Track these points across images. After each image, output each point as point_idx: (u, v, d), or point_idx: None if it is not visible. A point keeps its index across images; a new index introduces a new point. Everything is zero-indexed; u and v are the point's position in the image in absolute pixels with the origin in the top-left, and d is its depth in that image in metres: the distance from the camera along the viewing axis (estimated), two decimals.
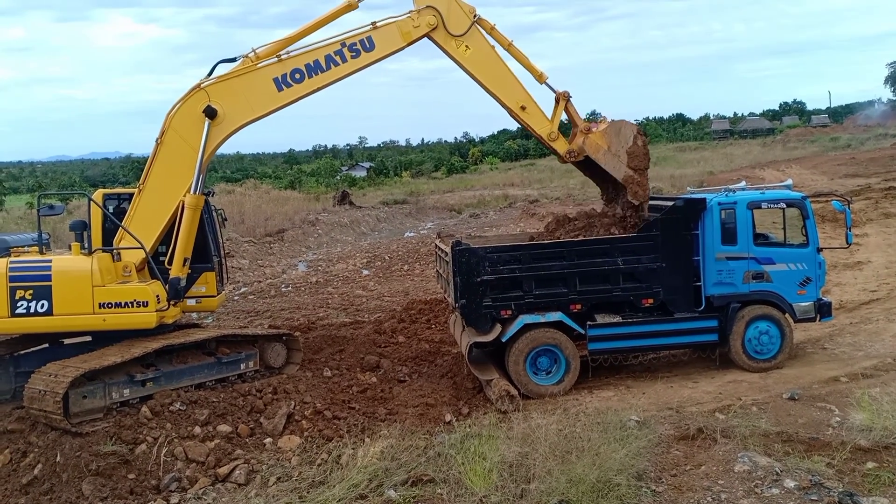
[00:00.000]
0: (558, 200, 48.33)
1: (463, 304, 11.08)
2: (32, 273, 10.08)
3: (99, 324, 10.32)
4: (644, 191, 11.74)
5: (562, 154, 12.11)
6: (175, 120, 10.87)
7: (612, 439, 8.18)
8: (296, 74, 11.11)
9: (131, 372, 9.94)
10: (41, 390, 9.12)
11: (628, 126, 11.79)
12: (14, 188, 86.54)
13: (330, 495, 7.69)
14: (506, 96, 11.85)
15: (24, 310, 10.01)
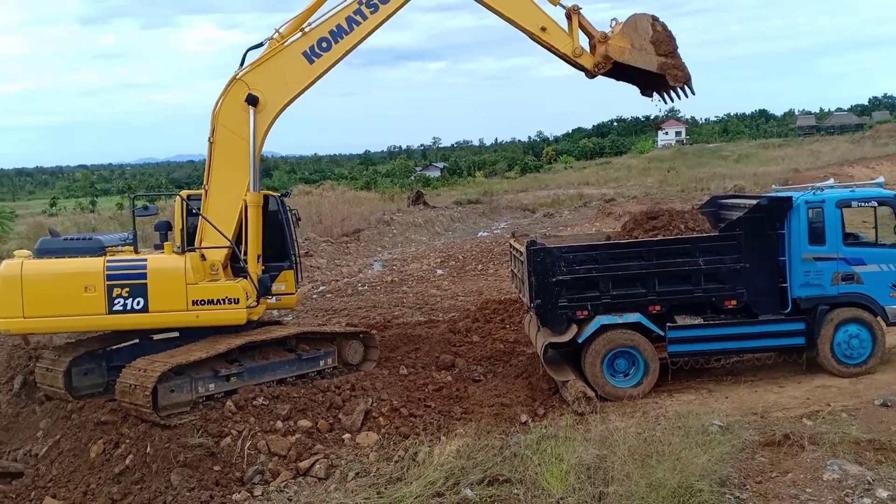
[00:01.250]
0: (635, 199, 47.53)
1: (538, 304, 11.01)
2: (129, 272, 10.43)
3: (192, 320, 10.66)
4: (682, 71, 11.86)
5: (589, 68, 12.10)
6: (221, 116, 11.10)
7: (693, 444, 7.99)
8: (322, 43, 11.24)
9: (216, 367, 10.25)
10: (131, 384, 9.50)
11: (642, 18, 11.84)
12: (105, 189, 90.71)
13: (407, 492, 7.76)
14: (524, 20, 11.79)
15: (120, 307, 10.36)
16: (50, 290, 10.21)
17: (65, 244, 10.72)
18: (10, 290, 10.08)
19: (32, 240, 30.38)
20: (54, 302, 10.18)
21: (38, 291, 10.15)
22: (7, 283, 10.12)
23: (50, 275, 10.29)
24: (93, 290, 10.26)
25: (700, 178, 58.74)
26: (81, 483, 8.76)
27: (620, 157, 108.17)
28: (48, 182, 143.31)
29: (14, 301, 10.06)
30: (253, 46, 11.53)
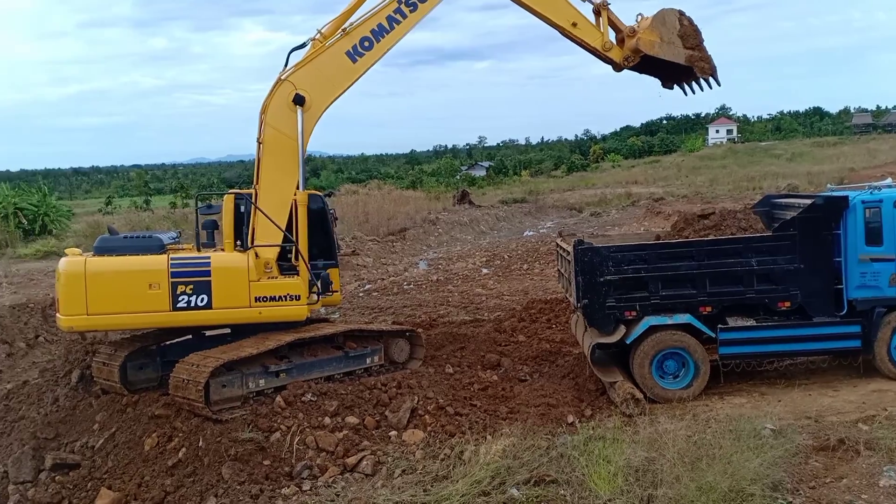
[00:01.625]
0: (685, 198, 46.85)
1: (585, 305, 10.93)
2: (193, 269, 10.58)
3: (255, 317, 10.84)
4: (708, 63, 12.29)
5: (618, 61, 12.49)
6: (269, 117, 11.25)
7: (745, 447, 7.85)
8: (364, 42, 11.44)
9: (266, 363, 10.39)
10: (185, 379, 9.70)
11: (669, 12, 12.21)
12: (158, 189, 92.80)
13: (453, 490, 7.78)
14: (556, 15, 12.09)
15: (184, 304, 10.51)
16: (114, 287, 10.34)
17: (124, 242, 10.87)
18: (74, 288, 10.21)
19: (90, 237, 31.27)
20: (118, 299, 10.32)
21: (102, 288, 10.27)
22: (71, 280, 10.25)
23: (114, 272, 10.42)
24: (157, 287, 10.39)
25: (752, 176, 57.60)
26: (136, 475, 8.98)
27: (670, 155, 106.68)
28: (104, 181, 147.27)
29: (78, 298, 10.19)
30: (296, 47, 11.76)
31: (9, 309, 17.78)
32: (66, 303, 10.33)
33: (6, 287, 21.49)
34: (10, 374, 16.03)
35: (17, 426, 11.02)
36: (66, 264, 10.42)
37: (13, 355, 16.84)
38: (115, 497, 8.62)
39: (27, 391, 11.94)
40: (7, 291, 20.61)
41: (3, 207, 35.49)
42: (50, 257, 28.67)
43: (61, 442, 10.17)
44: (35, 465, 9.58)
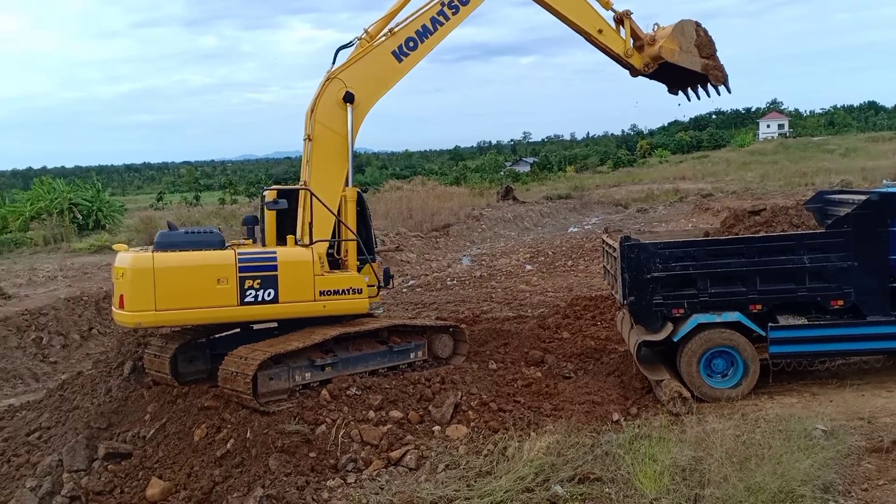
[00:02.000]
0: (734, 194, 45.99)
1: (631, 302, 10.80)
2: (260, 264, 10.62)
3: (320, 310, 10.97)
4: (721, 71, 13.18)
5: (639, 67, 13.24)
6: (319, 114, 11.41)
7: (795, 448, 7.67)
8: (409, 43, 11.79)
9: (312, 357, 10.50)
10: (233, 371, 9.83)
11: (688, 23, 12.99)
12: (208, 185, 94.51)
13: (497, 486, 7.77)
14: (584, 22, 12.77)
15: (252, 298, 10.53)
16: (182, 282, 10.25)
17: (186, 237, 10.75)
18: (143, 284, 10.05)
19: (141, 232, 32.05)
20: (187, 294, 10.25)
21: (171, 284, 10.16)
22: (139, 276, 10.09)
23: (183, 267, 10.33)
24: (225, 282, 10.39)
25: (804, 172, 56.25)
26: (186, 465, 9.16)
27: (719, 150, 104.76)
28: (155, 178, 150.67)
29: (146, 294, 10.04)
30: (343, 46, 11.96)
31: (64, 302, 18.32)
32: (133, 299, 10.12)
33: (61, 280, 22.14)
34: (64, 365, 16.54)
35: (72, 416, 11.33)
36: (134, 260, 10.26)
37: (68, 347, 17.36)
38: (165, 486, 8.80)
39: (81, 382, 12.27)
40: (62, 285, 21.23)
41: (59, 203, 36.58)
42: (103, 252, 29.45)
43: (114, 432, 10.41)
44: (89, 454, 9.83)
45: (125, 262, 10.30)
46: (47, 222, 34.72)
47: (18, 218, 36.22)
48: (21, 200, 39.58)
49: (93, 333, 18.07)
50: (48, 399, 12.29)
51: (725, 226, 11.96)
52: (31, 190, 40.29)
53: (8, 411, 12.74)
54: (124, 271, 10.18)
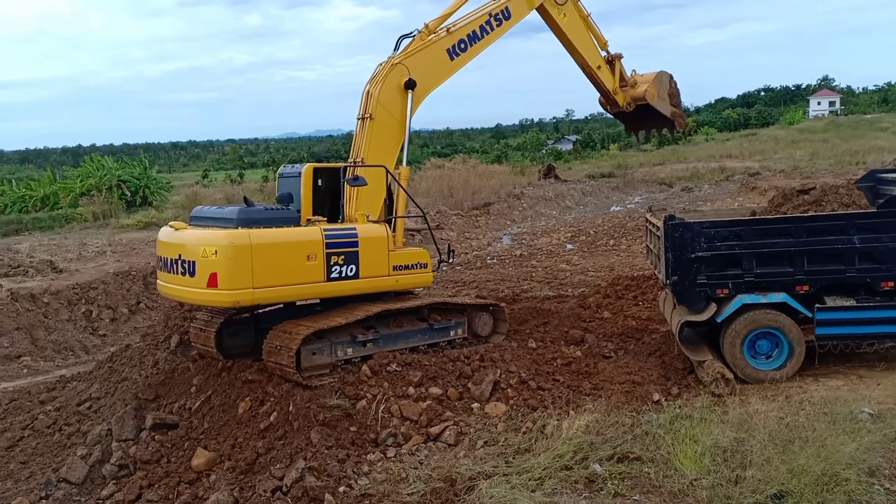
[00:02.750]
0: (782, 173, 44.91)
1: (675, 282, 10.65)
2: (343, 240, 10.73)
3: (393, 284, 11.29)
4: (684, 119, 16.15)
5: (622, 104, 15.16)
6: (382, 96, 11.67)
7: (840, 431, 7.53)
8: (461, 44, 12.47)
9: (354, 333, 10.63)
10: (278, 346, 9.99)
11: (664, 74, 15.47)
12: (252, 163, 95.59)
13: (535, 463, 7.78)
14: (589, 57, 14.46)
15: (336, 274, 10.61)
16: (277, 259, 10.18)
17: (268, 213, 10.62)
18: (242, 262, 9.87)
19: (187, 209, 32.58)
20: (280, 271, 10.20)
21: (267, 262, 10.06)
22: (238, 253, 9.86)
23: (278, 244, 10.24)
24: (314, 258, 10.43)
25: (855, 150, 54.66)
26: (230, 436, 9.36)
27: (767, 128, 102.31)
28: (200, 155, 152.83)
29: (245, 272, 9.88)
30: (404, 35, 12.39)
31: (113, 276, 18.79)
32: (230, 277, 9.85)
33: (110, 255, 22.70)
34: (113, 338, 17.01)
35: (120, 387, 11.65)
36: (231, 237, 9.94)
37: (116, 320, 17.83)
38: (210, 457, 9.02)
39: (129, 354, 12.59)
40: (111, 260, 21.77)
41: (108, 180, 37.41)
42: (150, 228, 30.07)
43: (161, 403, 10.67)
44: (137, 424, 10.10)
45: (218, 239, 9.88)
46: (96, 199, 35.56)
47: (69, 194, 37.15)
48: (71, 177, 40.58)
49: (140, 307, 18.51)
50: (98, 370, 12.65)
51: (773, 205, 11.72)
52: (81, 167, 41.28)
53: (59, 382, 13.15)
54: (217, 249, 9.81)
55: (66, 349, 16.33)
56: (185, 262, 10.08)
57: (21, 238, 28.47)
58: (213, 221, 10.50)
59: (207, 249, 9.82)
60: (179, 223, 10.81)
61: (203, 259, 9.83)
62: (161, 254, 10.75)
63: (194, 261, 9.92)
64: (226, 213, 10.48)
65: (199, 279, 9.86)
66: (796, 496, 6.44)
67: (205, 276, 9.81)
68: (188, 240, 10.25)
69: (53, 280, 18.46)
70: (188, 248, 10.11)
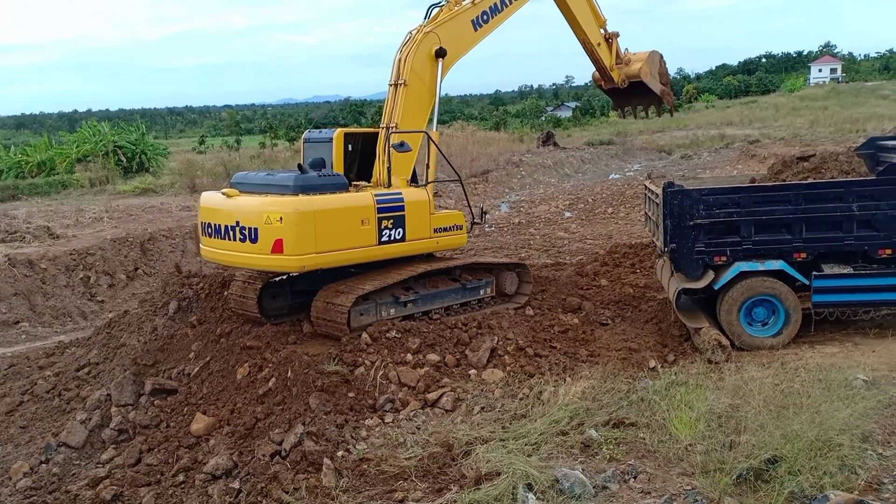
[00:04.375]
0: (783, 141, 44.71)
1: (673, 249, 10.66)
2: (391, 205, 11.09)
3: (434, 246, 11.86)
4: (672, 97, 16.93)
5: (616, 81, 15.68)
6: (415, 62, 11.90)
7: (834, 398, 7.59)
8: (484, 16, 12.73)
9: (396, 294, 11.07)
10: (330, 306, 10.43)
11: (656, 53, 16.06)
12: (248, 129, 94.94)
13: (532, 428, 7.85)
14: (591, 34, 14.92)
15: (387, 238, 11.01)
16: (336, 224, 10.48)
17: (322, 181, 10.81)
18: (307, 227, 10.13)
19: (184, 175, 32.46)
20: (339, 236, 10.52)
21: (328, 227, 10.35)
22: (303, 220, 10.10)
23: (337, 210, 10.55)
24: (367, 222, 10.77)
25: (856, 118, 54.37)
26: (229, 402, 9.41)
27: (768, 95, 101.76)
28: (196, 121, 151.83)
29: (309, 238, 10.17)
30: (434, 4, 12.61)
31: (110, 242, 18.76)
32: (296, 243, 10.09)
33: (107, 221, 22.64)
34: (111, 304, 17.04)
35: (119, 353, 11.69)
36: (297, 203, 10.08)
37: (114, 286, 17.85)
38: (209, 422, 9.08)
39: (128, 320, 12.61)
40: (108, 226, 21.72)
41: (104, 146, 37.16)
42: (147, 194, 29.98)
43: (160, 368, 10.71)
44: (136, 389, 10.14)
45: (283, 206, 10.06)
46: (93, 164, 35.36)
47: (65, 160, 36.92)
48: (68, 143, 40.27)
49: (138, 273, 18.52)
50: (96, 336, 12.68)
51: (772, 172, 11.70)
52: (78, 132, 40.94)
53: (58, 347, 13.20)
54: (283, 216, 10.00)
55: (65, 315, 16.37)
56: (244, 229, 10.28)
57: (18, 204, 28.37)
58: (266, 188, 10.69)
59: (272, 216, 10.02)
60: (231, 190, 10.83)
61: (267, 226, 10.04)
62: (209, 220, 10.91)
63: (256, 227, 10.13)
64: (280, 180, 10.67)
65: (263, 245, 10.10)
66: (790, 461, 6.49)
67: (269, 242, 10.04)
68: (248, 207, 10.40)
69: (51, 246, 18.43)
70: (248, 214, 10.30)
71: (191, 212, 23.29)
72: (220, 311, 11.85)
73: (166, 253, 19.40)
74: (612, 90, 16.23)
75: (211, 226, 10.82)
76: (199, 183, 30.24)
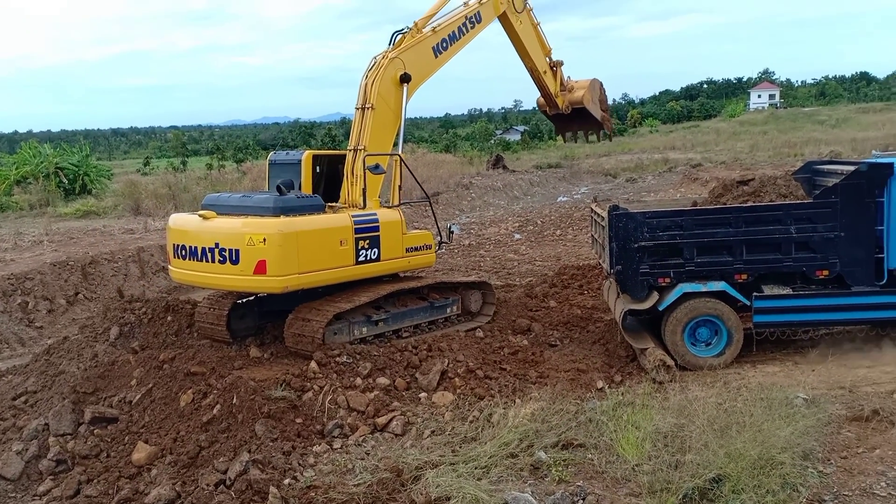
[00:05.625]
0: (724, 165, 46.00)
1: (618, 271, 10.84)
2: (367, 225, 11.32)
3: (406, 266, 12.21)
4: (611, 123, 17.48)
5: (561, 107, 16.09)
6: (381, 87, 12.15)
7: (776, 416, 7.77)
8: (444, 43, 13.07)
9: (368, 313, 11.19)
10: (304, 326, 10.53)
11: (596, 81, 16.62)
12: (195, 150, 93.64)
13: (481, 451, 7.83)
14: (538, 62, 15.33)
15: (363, 258, 11.20)
16: (317, 245, 10.64)
17: (301, 202, 10.98)
18: (290, 248, 10.27)
19: (126, 197, 31.76)
20: (319, 257, 10.67)
21: (309, 248, 10.49)
22: (287, 240, 10.24)
23: (318, 231, 10.72)
24: (346, 243, 10.98)
25: (794, 143, 56.31)
26: (172, 430, 9.17)
27: (709, 120, 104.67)
28: (141, 142, 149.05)
29: (292, 258, 10.30)
30: (397, 31, 12.90)
31: (50, 266, 18.18)
32: (280, 264, 10.21)
33: (47, 245, 21.98)
34: (50, 330, 16.48)
35: (58, 380, 11.30)
36: (281, 225, 10.28)
37: (54, 312, 17.27)
38: (151, 451, 8.83)
39: (67, 346, 12.22)
40: (48, 249, 21.08)
41: (45, 167, 36.19)
42: (89, 216, 29.25)
43: (100, 396, 10.38)
44: (75, 418, 9.82)
45: (266, 227, 10.19)
46: (33, 186, 34.38)
47: (3, 182, 35.84)
48: (6, 164, 39.12)
49: (79, 298, 17.98)
50: (34, 363, 12.24)
51: (714, 195, 12.03)
52: (17, 154, 39.81)
53: None
54: (266, 237, 10.12)
55: (1, 342, 15.76)
56: (224, 251, 10.33)
57: None
58: (244, 210, 10.74)
59: (254, 237, 10.14)
60: (209, 212, 10.82)
61: (249, 247, 10.16)
62: (181, 242, 10.92)
63: (238, 248, 10.23)
64: (260, 202, 10.73)
65: (244, 266, 10.21)
66: (734, 480, 6.61)
67: (251, 263, 10.18)
68: (228, 228, 10.45)
69: None
70: (229, 236, 10.35)
71: (134, 235, 22.80)
72: (164, 336, 11.61)
73: (108, 277, 18.90)
74: (556, 116, 16.69)
75: (185, 248, 10.83)
76: (144, 205, 29.64)
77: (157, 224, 24.71)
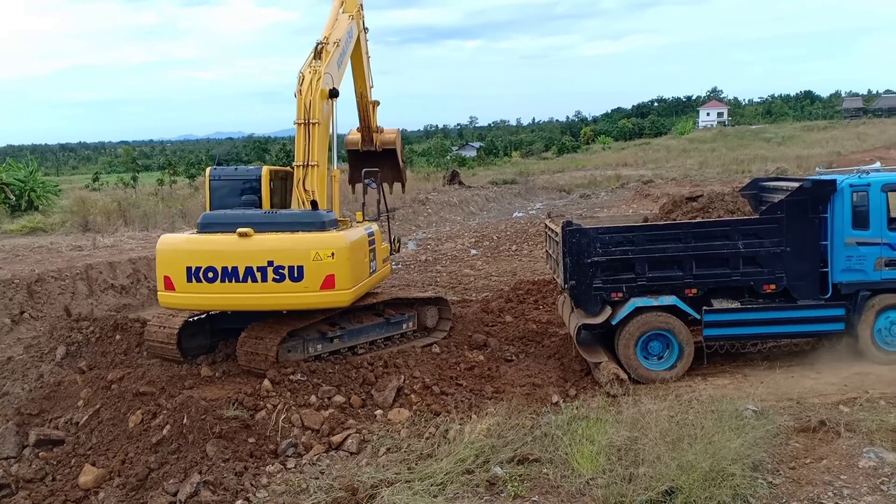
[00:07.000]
0: (674, 181, 46.96)
1: (572, 286, 10.95)
2: (372, 238, 11.99)
3: (387, 274, 13.10)
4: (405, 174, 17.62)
5: (375, 143, 15.76)
6: (320, 101, 11.96)
7: (726, 428, 7.91)
8: (342, 56, 13.00)
9: (323, 330, 11.08)
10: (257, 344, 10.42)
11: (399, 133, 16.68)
12: (146, 166, 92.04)
13: (438, 468, 7.81)
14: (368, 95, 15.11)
15: (372, 269, 11.83)
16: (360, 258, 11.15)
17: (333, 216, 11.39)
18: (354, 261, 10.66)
19: (75, 213, 31.01)
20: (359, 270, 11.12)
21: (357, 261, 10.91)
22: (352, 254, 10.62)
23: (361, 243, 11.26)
24: (368, 256, 11.60)
25: (741, 160, 57.85)
26: (120, 451, 8.95)
27: (660, 138, 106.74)
28: (91, 157, 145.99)
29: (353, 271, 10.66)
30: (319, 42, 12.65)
31: None
32: (347, 278, 10.37)
33: None
34: None
35: (1, 402, 11.00)
36: (346, 239, 10.53)
37: None
38: (98, 473, 8.60)
39: (11, 367, 11.90)
40: None
41: None
42: (36, 233, 28.46)
43: (45, 418, 10.12)
44: (19, 440, 9.54)
45: (332, 242, 10.27)
46: None
47: None
48: None
49: (24, 317, 17.43)
50: None
51: (664, 211, 12.20)
52: None
53: None
54: (335, 251, 10.16)
55: None
56: (281, 268, 10.08)
57: None
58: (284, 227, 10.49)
59: (322, 252, 10.08)
60: (247, 229, 10.25)
61: (316, 262, 10.09)
62: (207, 264, 10.18)
63: (302, 265, 10.05)
64: (301, 217, 10.74)
65: (310, 283, 10.08)
66: (686, 491, 6.70)
67: (318, 279, 10.09)
68: (289, 244, 10.19)
69: None
70: (288, 252, 10.10)
71: (82, 251, 22.25)
72: (112, 355, 11.36)
73: (55, 295, 18.39)
74: (365, 153, 15.90)
75: (213, 270, 10.15)
76: (93, 222, 28.98)
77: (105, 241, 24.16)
